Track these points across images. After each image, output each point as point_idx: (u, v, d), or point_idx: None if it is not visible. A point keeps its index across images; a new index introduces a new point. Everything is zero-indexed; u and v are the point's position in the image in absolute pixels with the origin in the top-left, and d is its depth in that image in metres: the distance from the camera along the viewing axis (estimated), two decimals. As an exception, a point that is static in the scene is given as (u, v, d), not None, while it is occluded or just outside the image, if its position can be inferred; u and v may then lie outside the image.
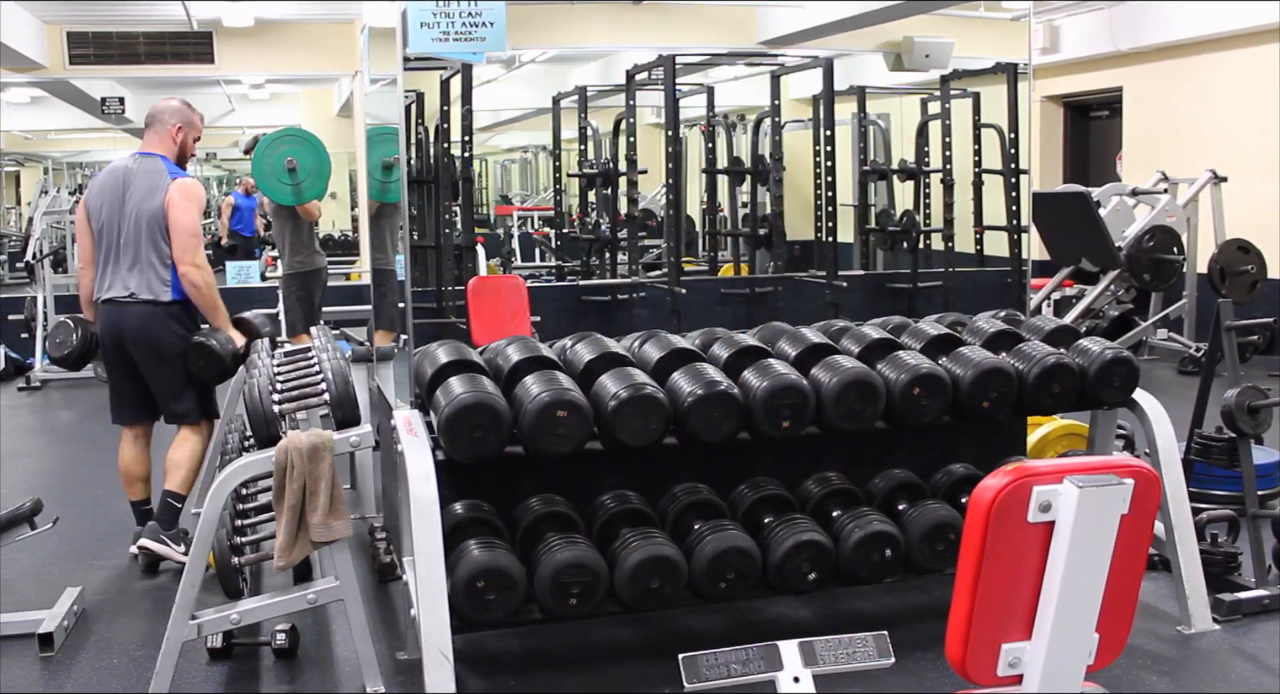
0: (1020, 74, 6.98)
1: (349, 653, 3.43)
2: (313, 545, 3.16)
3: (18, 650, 3.61)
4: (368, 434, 3.34)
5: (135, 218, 4.23)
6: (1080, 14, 9.77)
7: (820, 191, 7.78)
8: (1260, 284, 7.78)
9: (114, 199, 4.28)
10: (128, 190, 4.27)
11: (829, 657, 2.05)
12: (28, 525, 3.67)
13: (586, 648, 3.59)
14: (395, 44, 3.56)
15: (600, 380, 3.32)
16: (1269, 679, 3.32)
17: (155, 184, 4.25)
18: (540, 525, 3.37)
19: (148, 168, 4.30)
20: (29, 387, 8.37)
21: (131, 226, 4.24)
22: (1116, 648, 1.95)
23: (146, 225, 4.22)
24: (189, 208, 4.25)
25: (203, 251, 4.32)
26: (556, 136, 9.33)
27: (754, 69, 9.17)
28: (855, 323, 3.97)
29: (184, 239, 4.23)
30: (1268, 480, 4.65)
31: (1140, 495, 1.84)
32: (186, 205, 4.24)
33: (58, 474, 6.15)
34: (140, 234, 4.22)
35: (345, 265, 12.17)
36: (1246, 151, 8.46)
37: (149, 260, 4.23)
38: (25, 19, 8.98)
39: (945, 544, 3.50)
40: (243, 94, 13.51)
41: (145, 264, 4.23)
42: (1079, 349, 3.77)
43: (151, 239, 4.22)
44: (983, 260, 7.82)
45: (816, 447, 3.71)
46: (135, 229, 4.23)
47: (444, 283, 6.67)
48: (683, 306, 6.95)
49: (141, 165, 4.32)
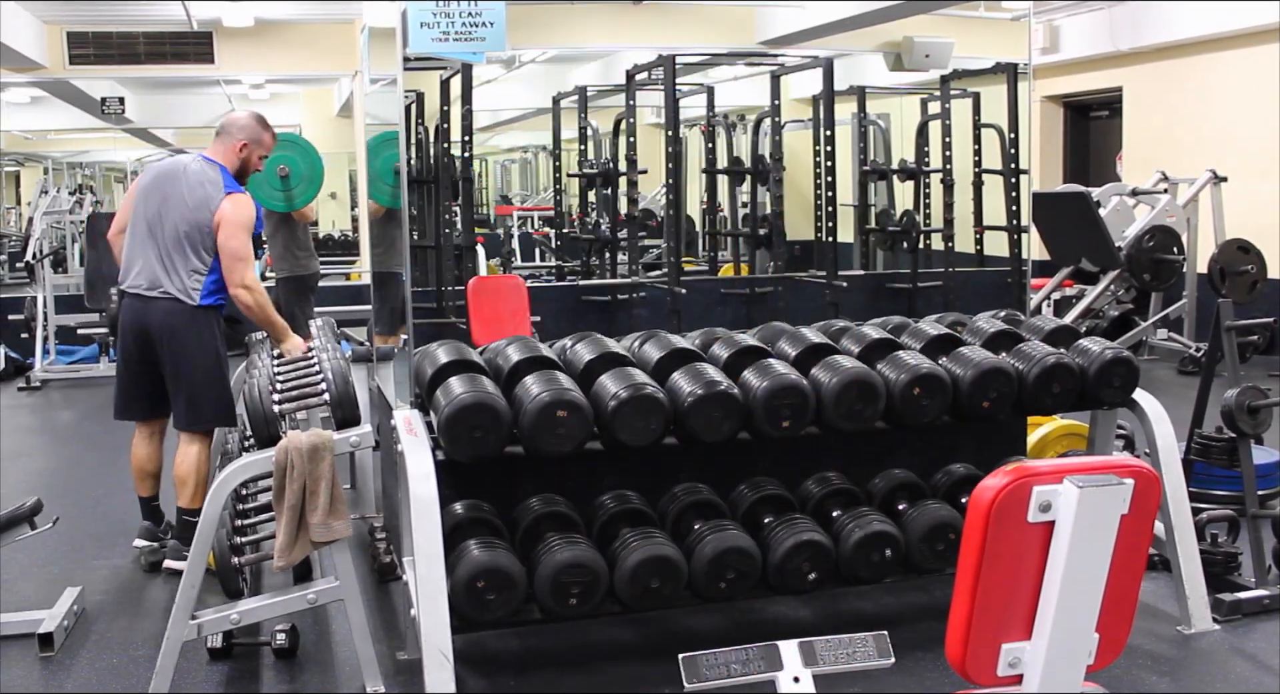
0: (1020, 74, 6.98)
1: (349, 653, 3.43)
2: (313, 545, 3.17)
3: (18, 650, 3.61)
4: (368, 434, 3.34)
5: (177, 222, 4.14)
6: (1080, 14, 9.77)
7: (820, 191, 7.77)
8: (1260, 284, 7.78)
9: (163, 193, 4.19)
10: (178, 190, 4.18)
11: (829, 657, 2.05)
12: (28, 525, 3.67)
13: (586, 648, 3.59)
14: (395, 44, 3.56)
15: (600, 380, 3.32)
16: (1269, 679, 3.32)
17: (207, 195, 4.16)
18: (540, 525, 3.37)
19: (205, 175, 4.21)
20: (29, 387, 8.37)
21: (171, 229, 4.15)
22: (1116, 648, 1.95)
23: (187, 234, 4.13)
24: (236, 232, 4.13)
25: (252, 272, 4.21)
26: (556, 136, 9.33)
27: (754, 69, 9.16)
28: (855, 323, 3.97)
29: (230, 262, 4.13)
30: (1268, 480, 4.65)
31: (1140, 495, 1.84)
32: (234, 230, 4.13)
33: (58, 474, 6.15)
34: (179, 240, 4.13)
35: (345, 265, 12.18)
36: (1246, 151, 8.46)
37: (181, 267, 4.13)
38: (25, 19, 8.98)
39: (945, 544, 3.50)
40: (243, 94, 13.50)
41: (175, 268, 4.14)
42: (1079, 349, 3.77)
43: (191, 248, 4.14)
44: (983, 260, 7.82)
45: (816, 447, 3.71)
46: (175, 233, 4.14)
47: (444, 283, 6.67)
48: (683, 306, 6.94)
49: (200, 170, 4.23)
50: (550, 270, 10.39)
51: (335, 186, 15.27)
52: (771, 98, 7.78)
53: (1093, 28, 9.69)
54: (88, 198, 14.02)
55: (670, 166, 7.56)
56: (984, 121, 7.66)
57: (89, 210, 11.16)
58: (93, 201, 14.00)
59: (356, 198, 14.49)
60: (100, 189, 18.75)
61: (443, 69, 6.54)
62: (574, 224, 9.39)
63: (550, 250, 11.06)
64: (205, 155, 4.32)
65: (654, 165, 8.10)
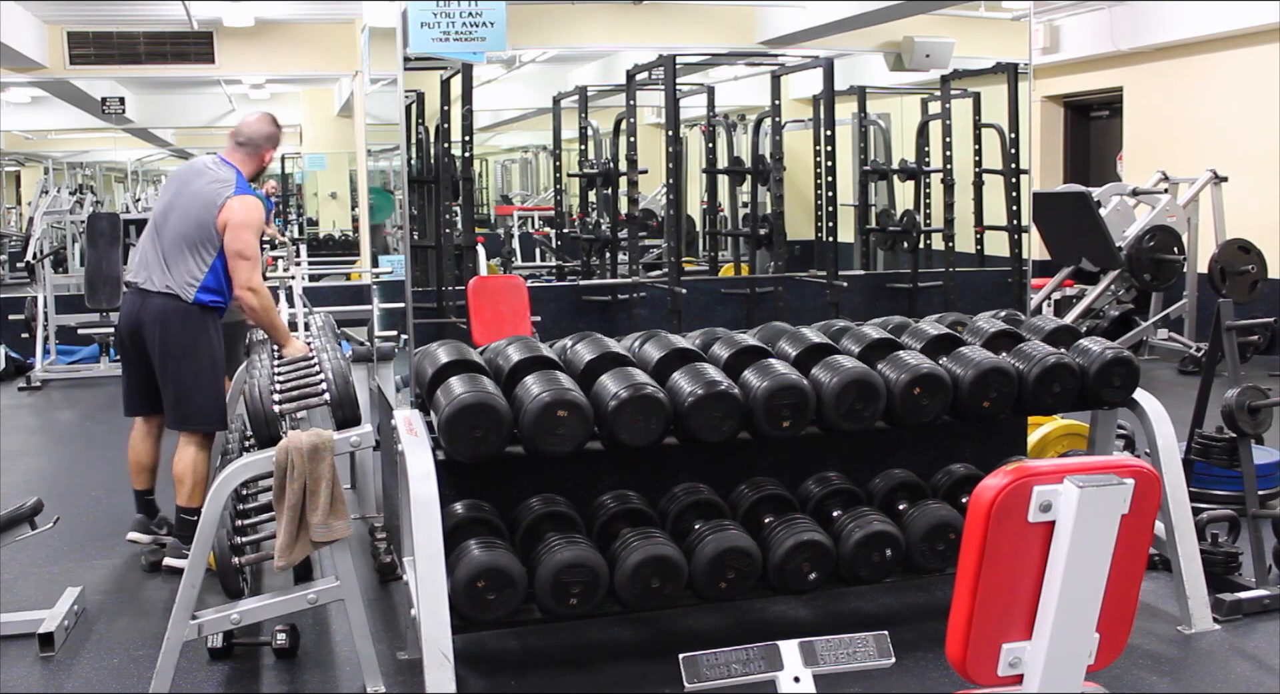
0: (1020, 74, 6.99)
1: (349, 653, 3.43)
2: (313, 545, 3.16)
3: (18, 650, 3.61)
4: (368, 434, 3.34)
5: (183, 219, 4.17)
6: (1080, 14, 9.77)
7: (820, 191, 7.79)
8: (1260, 284, 7.78)
9: (176, 190, 4.24)
10: (190, 188, 4.21)
11: (829, 657, 2.05)
12: (28, 525, 3.67)
13: (586, 648, 3.59)
14: (395, 44, 3.56)
15: (600, 380, 3.32)
16: (1269, 679, 3.32)
17: (216, 193, 4.16)
18: (540, 525, 3.37)
19: (219, 174, 4.23)
20: (29, 387, 8.36)
21: (176, 225, 4.17)
22: (1116, 648, 1.95)
23: (190, 231, 4.14)
24: (242, 233, 4.13)
25: (258, 274, 4.17)
26: (557, 136, 9.33)
27: (754, 69, 9.17)
28: (855, 323, 3.97)
29: (236, 262, 4.13)
30: (1268, 480, 4.64)
31: (1140, 495, 1.84)
32: (240, 230, 4.12)
33: (58, 474, 6.15)
34: (184, 237, 4.15)
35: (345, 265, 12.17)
36: (1246, 151, 8.46)
37: (182, 263, 4.15)
38: (25, 19, 8.97)
39: (945, 544, 3.50)
40: (243, 94, 13.50)
41: (177, 264, 4.15)
42: (1079, 349, 3.77)
43: (194, 246, 4.15)
44: (983, 260, 7.83)
45: (817, 446, 3.71)
46: (179, 230, 4.16)
47: (444, 283, 6.68)
48: (683, 306, 6.95)
49: (215, 170, 4.25)
50: (550, 270, 10.40)
51: (335, 186, 15.26)
52: (772, 98, 7.79)
53: (1093, 28, 9.69)
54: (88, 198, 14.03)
55: (670, 166, 7.57)
56: (984, 121, 7.68)
57: (89, 210, 11.16)
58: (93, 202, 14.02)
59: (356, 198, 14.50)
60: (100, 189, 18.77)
61: (443, 69, 6.55)
62: (574, 224, 9.39)
63: (550, 250, 11.07)
64: (224, 157, 4.32)
65: (654, 165, 8.11)
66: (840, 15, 7.52)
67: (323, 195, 15.40)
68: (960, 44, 7.62)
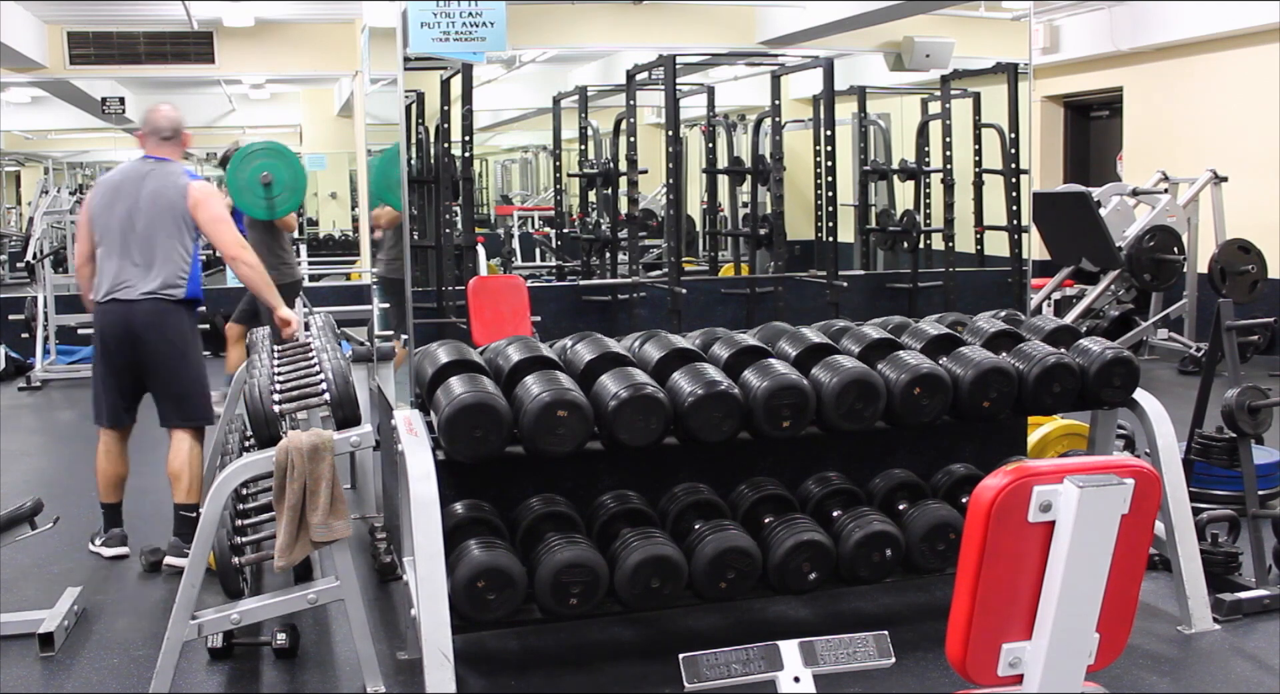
0: (1020, 74, 6.99)
1: (349, 653, 3.43)
2: (313, 545, 3.16)
3: (18, 650, 3.61)
4: (368, 434, 3.34)
5: (154, 215, 4.29)
6: (1080, 14, 9.77)
7: (820, 191, 7.78)
8: (1260, 284, 7.78)
9: (129, 197, 4.32)
10: (145, 191, 4.32)
11: (829, 657, 2.05)
12: (28, 525, 3.67)
13: (586, 648, 3.59)
14: (395, 44, 3.56)
15: (600, 380, 3.32)
16: (1269, 679, 3.32)
17: (176, 183, 4.35)
18: (540, 525, 3.37)
19: (166, 169, 4.39)
20: (29, 387, 8.36)
21: (147, 227, 4.28)
22: (1117, 648, 1.95)
23: (172, 220, 4.30)
24: (214, 204, 4.39)
25: (238, 234, 4.52)
26: (557, 136, 9.33)
27: (754, 69, 9.17)
28: (855, 323, 3.97)
29: (218, 226, 4.37)
30: (1268, 480, 4.64)
31: (1140, 495, 1.84)
32: (212, 203, 4.38)
33: (58, 474, 6.15)
34: (161, 231, 4.28)
35: (345, 266, 12.18)
36: (1246, 151, 8.46)
37: (168, 256, 4.29)
38: (25, 19, 8.98)
39: (945, 544, 3.50)
40: (243, 94, 13.51)
41: (163, 260, 4.28)
42: (1079, 349, 3.77)
43: (175, 234, 4.30)
44: (983, 260, 7.82)
45: (817, 446, 3.71)
46: (154, 226, 4.28)
47: (444, 283, 6.67)
48: (683, 306, 6.94)
49: (158, 168, 4.39)
50: (550, 270, 10.40)
51: (335, 186, 15.27)
52: (772, 98, 7.78)
53: (1093, 28, 9.70)
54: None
55: (670, 166, 7.56)
56: (984, 121, 7.67)
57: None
58: (93, 201, 13.97)
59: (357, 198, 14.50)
60: (100, 189, 18.73)
61: (443, 69, 6.54)
62: (574, 224, 9.39)
63: (550, 250, 11.07)
64: (153, 155, 4.44)
65: (654, 165, 8.11)
66: (840, 15, 7.52)
67: (323, 195, 15.41)
68: (960, 44, 7.61)
